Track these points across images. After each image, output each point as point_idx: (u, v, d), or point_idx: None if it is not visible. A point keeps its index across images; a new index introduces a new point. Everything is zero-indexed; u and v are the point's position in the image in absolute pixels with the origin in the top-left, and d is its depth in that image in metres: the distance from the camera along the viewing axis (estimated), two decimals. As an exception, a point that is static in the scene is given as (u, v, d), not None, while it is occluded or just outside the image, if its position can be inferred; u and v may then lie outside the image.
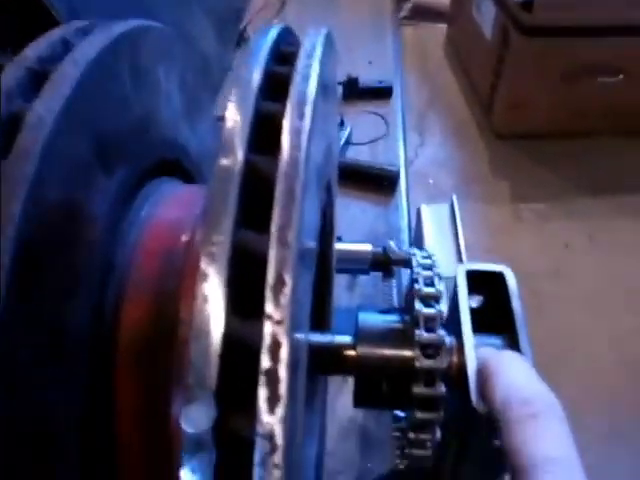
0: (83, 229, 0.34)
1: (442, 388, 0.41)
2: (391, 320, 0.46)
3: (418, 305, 0.43)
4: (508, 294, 0.49)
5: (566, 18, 1.27)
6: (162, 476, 0.35)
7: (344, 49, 1.63)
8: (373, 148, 1.33)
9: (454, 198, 0.98)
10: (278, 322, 0.26)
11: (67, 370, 0.33)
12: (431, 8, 1.83)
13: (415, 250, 0.51)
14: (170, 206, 0.43)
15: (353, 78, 1.42)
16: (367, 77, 1.47)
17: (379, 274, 0.75)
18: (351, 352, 0.44)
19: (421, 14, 1.84)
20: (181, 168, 0.49)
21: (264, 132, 0.31)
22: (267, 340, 0.25)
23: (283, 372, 0.25)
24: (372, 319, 0.47)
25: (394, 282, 1.03)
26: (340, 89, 1.44)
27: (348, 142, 1.31)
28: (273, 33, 0.39)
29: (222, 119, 0.31)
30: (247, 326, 0.26)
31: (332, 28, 1.41)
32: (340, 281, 1.03)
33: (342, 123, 1.32)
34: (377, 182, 1.21)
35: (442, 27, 1.78)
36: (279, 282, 0.26)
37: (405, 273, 0.99)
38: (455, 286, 0.50)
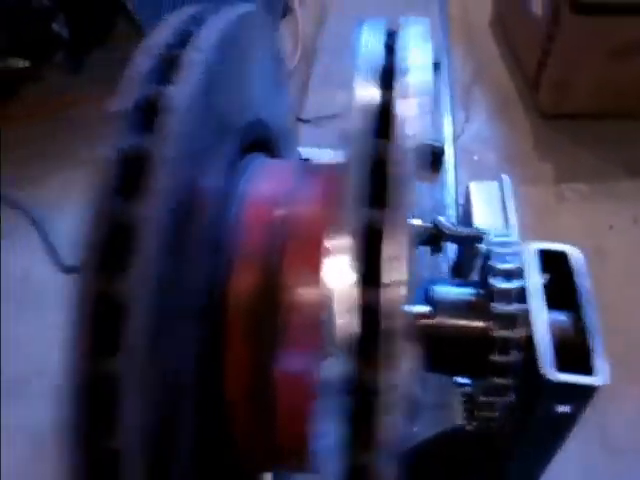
0: (204, 202, 0.38)
1: (517, 356, 0.45)
2: (465, 292, 0.49)
3: (493, 279, 0.46)
4: (572, 273, 0.52)
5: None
6: (265, 419, 0.38)
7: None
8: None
9: (505, 177, 0.99)
10: (396, 289, 0.29)
11: (189, 328, 0.37)
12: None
13: (483, 227, 0.54)
14: (262, 182, 0.47)
15: (401, 53, 1.42)
16: (414, 52, 1.48)
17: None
18: (429, 321, 0.47)
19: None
20: (268, 144, 0.53)
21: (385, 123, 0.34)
22: (387, 304, 0.29)
23: (400, 321, 0.29)
24: (446, 291, 0.50)
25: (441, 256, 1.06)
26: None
27: (395, 117, 1.32)
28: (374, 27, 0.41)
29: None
30: (372, 292, 0.30)
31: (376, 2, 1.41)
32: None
33: (390, 98, 1.33)
34: (422, 158, 1.23)
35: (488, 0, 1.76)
36: (396, 256, 0.29)
37: (451, 247, 1.02)
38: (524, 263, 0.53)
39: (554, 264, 0.55)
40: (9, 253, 1.15)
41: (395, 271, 0.29)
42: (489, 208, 1.03)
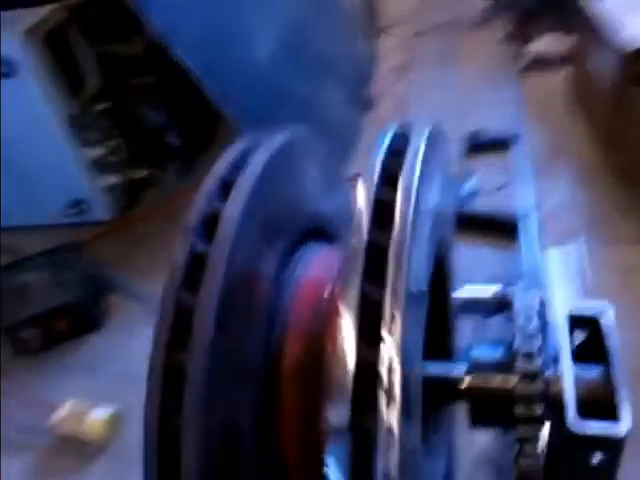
0: (258, 285, 0.49)
1: (539, 409, 0.50)
2: (498, 353, 0.56)
3: (518, 340, 0.53)
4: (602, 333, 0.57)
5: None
6: (315, 459, 0.46)
7: (466, 105, 1.74)
8: (497, 197, 1.41)
9: (581, 241, 1.03)
10: (391, 347, 0.38)
11: (247, 387, 0.47)
12: (550, 57, 1.88)
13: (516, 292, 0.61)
14: (315, 266, 0.57)
15: (475, 132, 1.52)
16: (490, 130, 1.56)
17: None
18: (464, 381, 0.54)
19: (541, 64, 1.90)
20: (324, 232, 0.63)
21: (382, 213, 0.44)
22: (385, 359, 0.38)
23: (397, 382, 0.37)
24: (482, 352, 0.57)
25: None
26: (464, 144, 1.54)
27: (474, 192, 1.40)
28: (389, 134, 0.52)
29: (354, 178, 0.44)
30: (372, 351, 0.38)
31: (454, 86, 1.54)
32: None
33: (464, 176, 1.42)
34: (501, 228, 1.29)
35: (563, 74, 1.82)
36: (392, 319, 0.38)
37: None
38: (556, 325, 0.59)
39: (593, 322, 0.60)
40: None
41: (391, 332, 0.38)
42: (566, 272, 1.07)
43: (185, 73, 1.36)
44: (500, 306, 0.89)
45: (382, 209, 0.43)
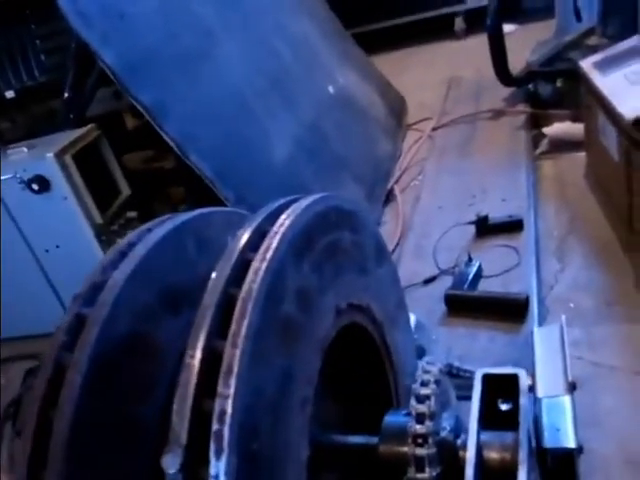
0: (153, 351, 0.50)
1: (432, 472, 0.48)
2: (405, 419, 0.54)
3: (412, 402, 0.52)
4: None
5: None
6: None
7: (479, 192, 1.76)
8: (505, 279, 1.38)
9: (563, 319, 0.99)
10: (225, 397, 0.38)
11: (139, 457, 0.48)
12: (567, 139, 1.89)
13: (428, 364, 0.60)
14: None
15: (483, 216, 1.52)
16: (500, 214, 1.56)
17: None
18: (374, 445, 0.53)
19: (558, 146, 1.91)
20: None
21: (243, 273, 0.45)
22: (217, 409, 0.38)
23: (227, 432, 0.37)
24: (393, 420, 0.55)
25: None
26: (473, 228, 1.54)
27: (479, 276, 1.38)
28: (277, 202, 0.54)
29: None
30: (208, 402, 0.39)
31: (468, 174, 1.58)
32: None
33: (470, 259, 1.41)
34: (505, 311, 1.25)
35: (580, 156, 1.82)
36: (228, 370, 0.39)
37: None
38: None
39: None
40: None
41: (227, 385, 0.39)
42: (550, 351, 1.03)
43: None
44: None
45: (244, 269, 0.45)
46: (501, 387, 0.58)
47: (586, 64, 1.66)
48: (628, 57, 1.54)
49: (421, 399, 0.52)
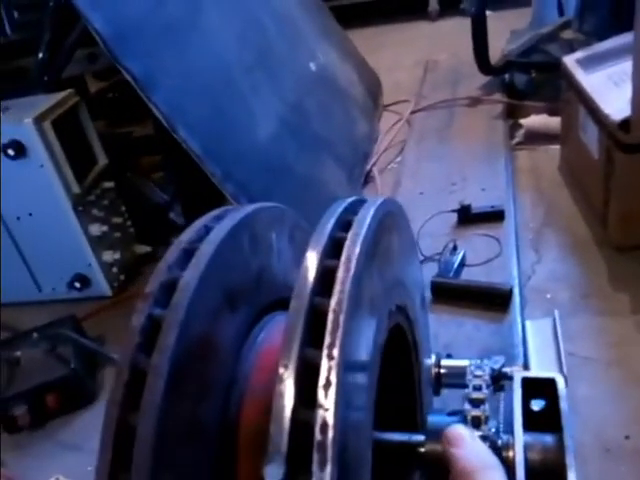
0: (216, 351, 0.51)
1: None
2: (452, 420, 0.57)
3: (467, 406, 0.54)
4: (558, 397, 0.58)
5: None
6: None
7: (459, 179, 1.79)
8: (487, 268, 1.43)
9: (556, 313, 1.04)
10: (326, 409, 0.39)
11: (201, 452, 0.48)
12: (544, 132, 1.95)
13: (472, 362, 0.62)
14: (278, 334, 0.59)
15: (466, 205, 1.56)
16: (481, 203, 1.60)
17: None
18: (420, 449, 0.55)
19: (534, 138, 1.96)
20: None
21: (325, 281, 0.46)
22: (319, 421, 0.39)
23: (330, 443, 0.38)
24: (438, 420, 0.58)
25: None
26: (455, 216, 1.58)
27: (462, 264, 1.42)
28: (341, 206, 0.55)
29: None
30: (308, 413, 0.40)
31: (448, 161, 1.61)
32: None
33: (455, 248, 1.44)
34: (490, 300, 1.30)
35: (556, 148, 1.88)
36: (327, 383, 0.40)
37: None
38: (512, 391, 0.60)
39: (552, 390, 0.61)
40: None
41: (327, 397, 0.40)
42: (542, 343, 1.08)
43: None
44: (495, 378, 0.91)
45: (325, 276, 0.46)
46: (532, 388, 0.61)
47: (569, 60, 1.70)
48: (613, 57, 1.59)
49: (475, 403, 0.54)
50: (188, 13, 1.65)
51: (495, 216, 1.56)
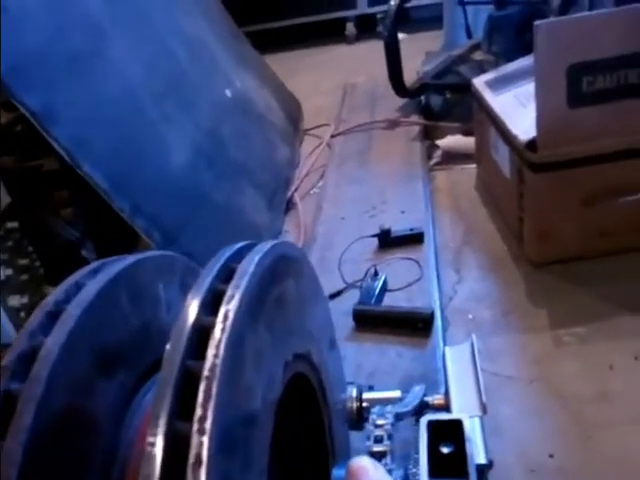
0: (87, 425, 0.46)
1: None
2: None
3: (368, 443, 0.51)
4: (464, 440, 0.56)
5: (571, 152, 1.37)
6: None
7: (379, 202, 1.79)
8: (409, 292, 1.42)
9: (473, 338, 1.03)
10: (195, 493, 0.35)
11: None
12: (459, 152, 1.98)
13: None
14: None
15: (385, 229, 1.55)
16: (401, 226, 1.60)
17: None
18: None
19: (451, 158, 1.99)
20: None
21: (202, 341, 0.42)
22: (187, 505, 0.35)
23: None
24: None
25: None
26: (376, 241, 1.57)
27: (384, 289, 1.41)
28: (226, 254, 0.51)
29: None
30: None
31: (368, 184, 1.59)
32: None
33: (376, 273, 1.43)
34: (412, 325, 1.29)
35: (471, 168, 1.91)
36: (197, 461, 0.36)
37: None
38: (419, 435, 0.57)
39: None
40: None
41: (196, 477, 0.36)
42: (461, 370, 1.07)
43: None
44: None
45: (201, 336, 0.42)
46: (441, 429, 0.59)
47: (479, 82, 1.74)
48: (518, 78, 1.64)
49: (376, 456, 0.52)
50: (91, 43, 1.59)
51: (415, 239, 1.56)
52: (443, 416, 0.57)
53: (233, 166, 1.89)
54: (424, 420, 0.56)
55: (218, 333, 0.41)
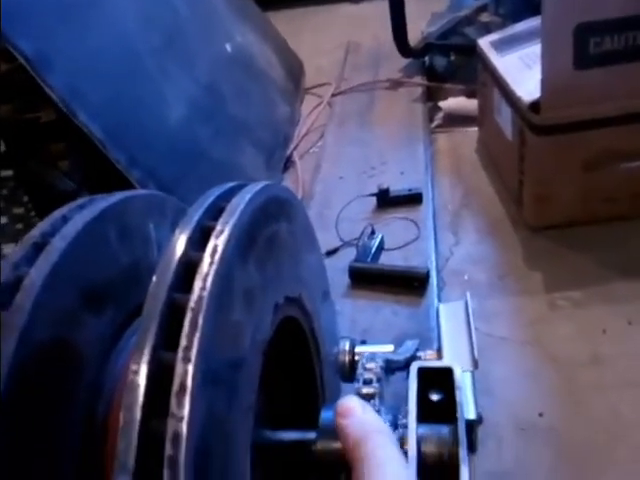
0: (72, 359, 0.45)
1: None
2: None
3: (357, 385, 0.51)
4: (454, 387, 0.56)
5: (575, 114, 1.34)
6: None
7: (379, 163, 1.77)
8: (406, 252, 1.41)
9: (468, 295, 1.03)
10: (180, 419, 0.35)
11: (62, 466, 0.43)
12: (462, 114, 1.95)
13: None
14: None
15: (384, 189, 1.54)
16: (399, 186, 1.59)
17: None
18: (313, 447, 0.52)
19: (453, 121, 1.96)
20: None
21: (189, 275, 0.41)
22: (170, 433, 0.34)
23: (182, 457, 0.34)
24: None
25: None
26: (374, 200, 1.56)
27: (381, 248, 1.40)
28: (216, 192, 0.50)
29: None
30: (160, 424, 0.35)
31: (368, 145, 1.57)
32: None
33: (373, 232, 1.42)
34: (407, 284, 1.28)
35: (474, 131, 1.88)
36: (181, 389, 0.35)
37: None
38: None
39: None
40: None
41: (181, 405, 0.35)
42: (455, 327, 1.07)
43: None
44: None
45: (189, 270, 0.41)
46: (431, 378, 0.59)
47: (484, 43, 1.70)
48: (524, 39, 1.60)
49: (365, 398, 0.51)
50: (88, -12, 1.55)
51: (413, 199, 1.54)
52: (434, 363, 0.56)
53: (232, 122, 1.86)
54: (414, 366, 0.55)
55: (206, 267, 0.40)
